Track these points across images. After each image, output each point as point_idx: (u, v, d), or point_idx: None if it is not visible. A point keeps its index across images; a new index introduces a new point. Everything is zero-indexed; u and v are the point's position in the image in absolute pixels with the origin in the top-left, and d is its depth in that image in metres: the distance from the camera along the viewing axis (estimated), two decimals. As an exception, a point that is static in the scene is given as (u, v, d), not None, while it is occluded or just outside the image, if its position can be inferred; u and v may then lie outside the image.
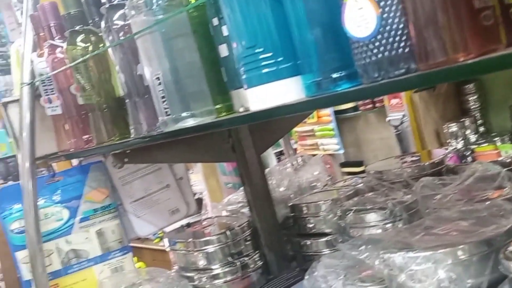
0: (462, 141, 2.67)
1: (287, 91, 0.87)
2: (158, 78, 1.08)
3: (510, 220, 0.99)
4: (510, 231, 0.95)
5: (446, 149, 2.14)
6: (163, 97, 1.09)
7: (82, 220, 1.62)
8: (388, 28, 0.71)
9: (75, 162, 1.88)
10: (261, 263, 1.55)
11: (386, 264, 0.98)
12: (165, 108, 1.09)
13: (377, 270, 1.01)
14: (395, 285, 0.98)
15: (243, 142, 1.58)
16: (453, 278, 0.92)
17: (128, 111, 1.27)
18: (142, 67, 1.14)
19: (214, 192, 2.78)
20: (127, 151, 1.41)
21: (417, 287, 0.95)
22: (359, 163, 3.52)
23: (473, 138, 2.69)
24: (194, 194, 2.01)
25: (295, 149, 3.58)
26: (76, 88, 1.43)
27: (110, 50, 1.26)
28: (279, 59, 0.87)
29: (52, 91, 1.55)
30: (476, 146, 2.41)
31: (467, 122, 2.71)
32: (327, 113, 3.49)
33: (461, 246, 0.93)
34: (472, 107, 2.77)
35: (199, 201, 2.59)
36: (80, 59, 1.34)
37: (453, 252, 0.93)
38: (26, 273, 1.55)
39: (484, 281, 0.91)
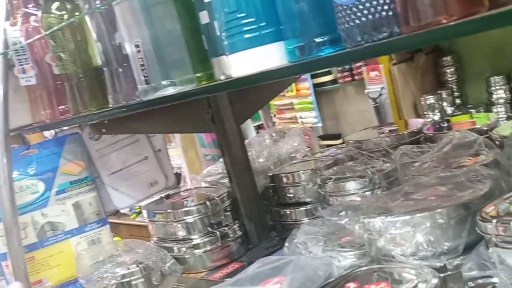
0: (439, 113, 2.70)
1: (269, 56, 0.87)
2: (137, 46, 1.07)
3: (486, 185, 1.01)
4: (486, 195, 0.97)
5: (425, 120, 2.17)
6: (142, 65, 1.07)
7: (58, 192, 1.60)
8: (371, -9, 0.71)
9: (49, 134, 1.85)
10: (240, 233, 1.56)
11: (366, 229, 0.99)
12: (145, 77, 1.08)
13: (357, 235, 1.02)
14: (374, 249, 1.00)
15: (223, 112, 1.57)
16: (431, 241, 0.94)
17: (106, 80, 1.24)
18: (121, 35, 1.12)
19: (193, 164, 2.78)
20: (105, 122, 1.39)
21: (396, 250, 0.97)
22: (337, 136, 3.55)
23: (449, 110, 2.73)
24: (173, 168, 2.00)
25: (274, 123, 3.58)
26: (52, 57, 1.40)
27: (87, 18, 1.23)
28: (262, 24, 0.87)
29: (27, 60, 1.51)
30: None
31: (444, 94, 2.75)
32: (306, 86, 3.49)
33: (439, 210, 0.95)
34: (449, 80, 2.81)
35: (178, 175, 2.58)
36: (56, 28, 1.31)
37: (431, 216, 0.94)
38: (1, 246, 1.53)
39: (461, 243, 0.94)
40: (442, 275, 0.93)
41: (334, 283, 1.00)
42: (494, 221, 0.85)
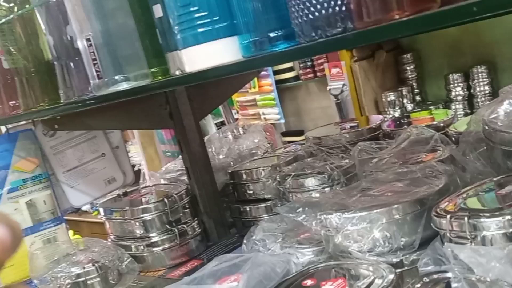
0: (399, 110, 2.74)
1: (223, 51, 0.85)
2: (89, 40, 1.03)
3: (442, 180, 1.02)
4: (442, 191, 0.98)
5: (385, 117, 2.19)
6: (94, 59, 1.04)
7: (10, 190, 1.54)
8: (324, -14, 0.70)
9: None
10: (199, 230, 1.54)
11: (323, 225, 0.99)
12: (97, 71, 1.04)
13: (314, 231, 1.02)
14: (331, 246, 0.99)
15: (181, 108, 1.54)
16: (388, 237, 0.94)
17: (57, 75, 1.20)
18: (72, 28, 1.08)
19: (152, 161, 2.74)
20: (58, 118, 1.35)
21: (353, 246, 0.96)
22: (300, 132, 3.55)
23: (409, 106, 2.77)
24: (133, 165, 1.96)
25: (237, 119, 3.57)
26: (1, 51, 1.35)
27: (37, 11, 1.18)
28: (215, 19, 0.85)
29: (-25, 54, 1.45)
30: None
31: (404, 91, 2.79)
32: (268, 82, 3.48)
33: (395, 206, 0.95)
34: (409, 77, 2.85)
35: (137, 172, 2.53)
36: (4, 20, 1.26)
37: (388, 211, 0.95)
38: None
39: (417, 238, 0.94)
40: (398, 270, 0.94)
41: (292, 280, 0.99)
42: (448, 216, 0.85)
